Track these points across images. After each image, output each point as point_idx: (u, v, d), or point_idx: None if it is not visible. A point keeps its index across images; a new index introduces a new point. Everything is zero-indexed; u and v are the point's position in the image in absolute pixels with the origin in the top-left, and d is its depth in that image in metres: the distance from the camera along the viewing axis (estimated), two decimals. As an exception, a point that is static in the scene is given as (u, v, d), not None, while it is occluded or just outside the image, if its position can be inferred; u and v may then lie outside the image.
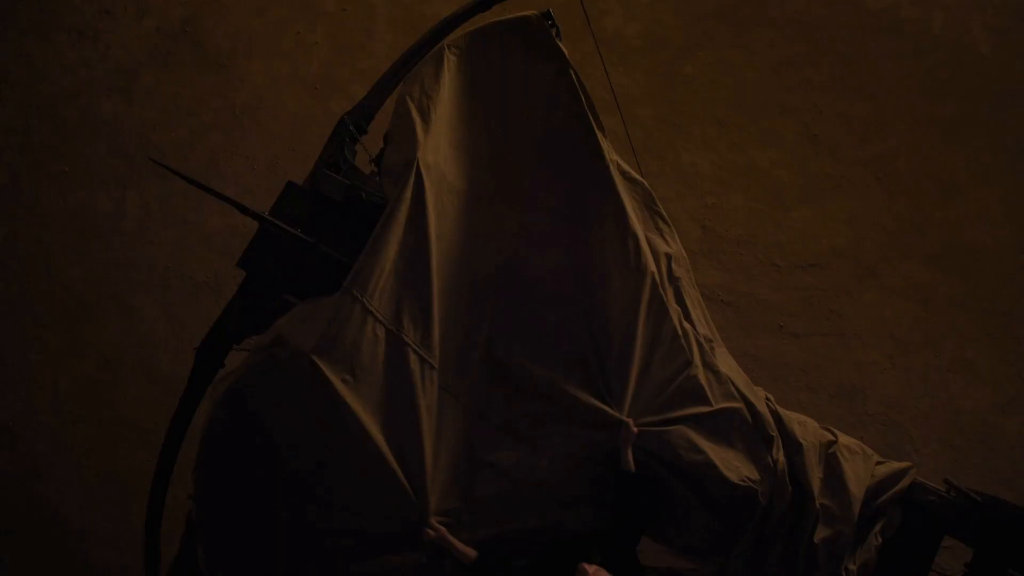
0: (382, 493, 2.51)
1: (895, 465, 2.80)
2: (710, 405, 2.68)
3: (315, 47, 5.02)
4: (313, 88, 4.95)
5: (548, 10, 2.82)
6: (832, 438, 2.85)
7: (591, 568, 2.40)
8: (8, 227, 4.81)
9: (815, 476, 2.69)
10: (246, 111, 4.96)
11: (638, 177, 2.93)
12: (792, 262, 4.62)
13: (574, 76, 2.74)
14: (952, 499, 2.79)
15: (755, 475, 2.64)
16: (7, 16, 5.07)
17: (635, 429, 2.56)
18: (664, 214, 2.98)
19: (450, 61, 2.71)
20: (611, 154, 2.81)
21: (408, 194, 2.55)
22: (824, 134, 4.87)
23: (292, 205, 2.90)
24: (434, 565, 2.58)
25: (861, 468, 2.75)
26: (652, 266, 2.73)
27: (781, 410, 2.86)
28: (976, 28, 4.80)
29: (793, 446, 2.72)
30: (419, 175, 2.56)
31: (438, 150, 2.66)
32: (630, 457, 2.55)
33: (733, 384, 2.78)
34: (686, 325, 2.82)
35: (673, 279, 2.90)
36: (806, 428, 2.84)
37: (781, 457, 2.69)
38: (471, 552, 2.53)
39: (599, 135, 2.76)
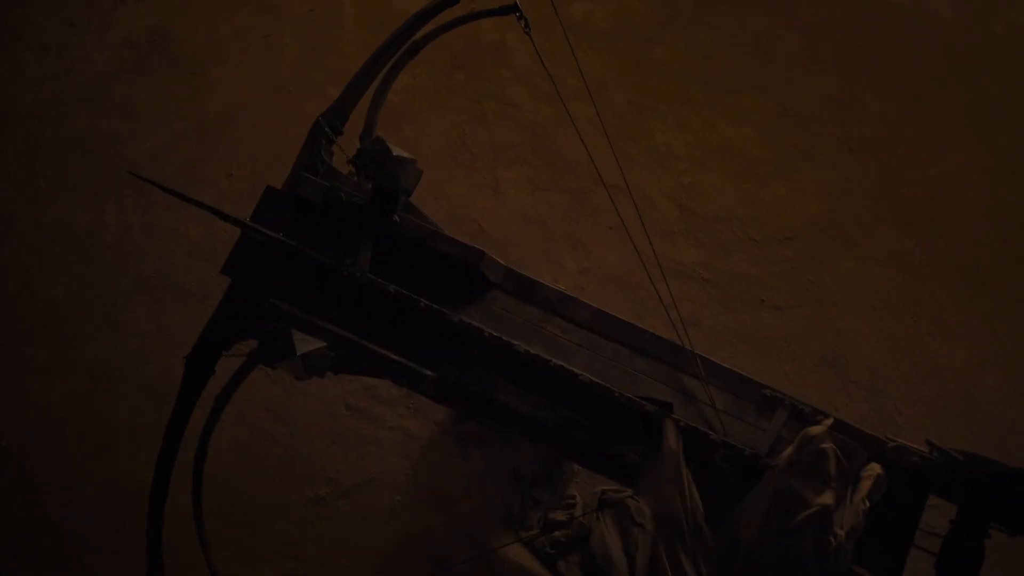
0: None
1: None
2: None
3: (285, 49, 5.03)
4: (286, 90, 4.95)
5: (515, 3, 2.86)
6: None
7: None
8: (-15, 247, 4.81)
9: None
10: (220, 117, 4.95)
11: None
12: (769, 236, 4.67)
13: None
14: (935, 459, 2.83)
15: None
16: (-31, 36, 5.06)
17: None
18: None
19: None
20: None
21: None
22: (795, 108, 4.94)
23: (273, 209, 2.93)
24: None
25: None
26: None
27: None
28: (939, -6, 4.89)
29: None
30: None
31: None
32: None
33: None
34: None
35: None
36: None
37: None
38: None
39: None
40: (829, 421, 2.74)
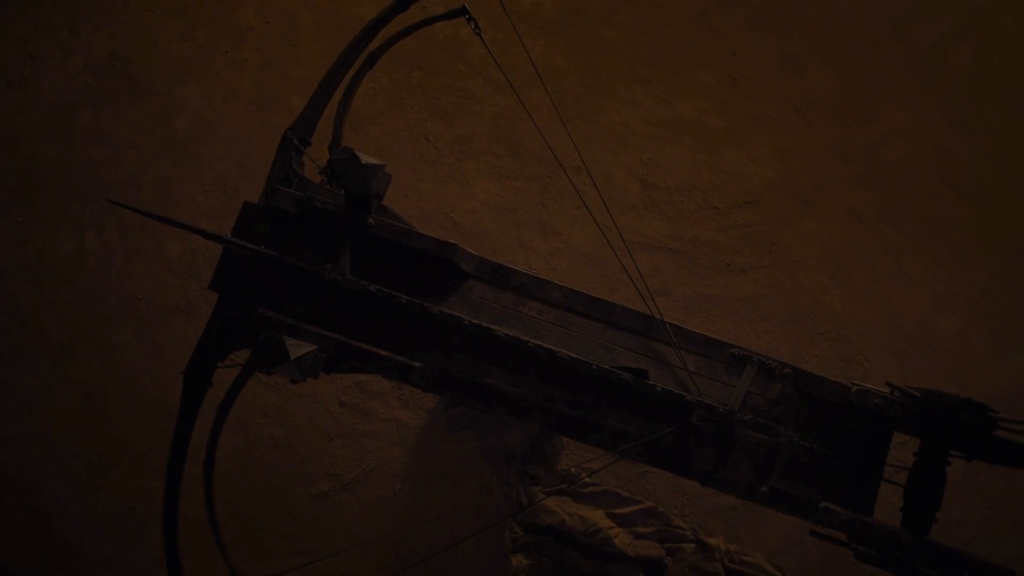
0: None
1: None
2: None
3: (245, 63, 5.09)
4: (249, 104, 5.03)
5: (464, 6, 2.96)
6: None
7: None
8: (-28, 284, 4.87)
9: None
10: (188, 136, 5.01)
11: None
12: (730, 202, 4.82)
13: None
14: (895, 399, 2.98)
15: None
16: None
17: None
18: None
19: None
20: None
21: None
22: (743, 77, 5.08)
23: (252, 223, 3.02)
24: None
25: None
26: None
27: None
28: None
29: None
30: None
31: None
32: None
33: None
34: None
35: None
36: None
37: None
38: None
39: None
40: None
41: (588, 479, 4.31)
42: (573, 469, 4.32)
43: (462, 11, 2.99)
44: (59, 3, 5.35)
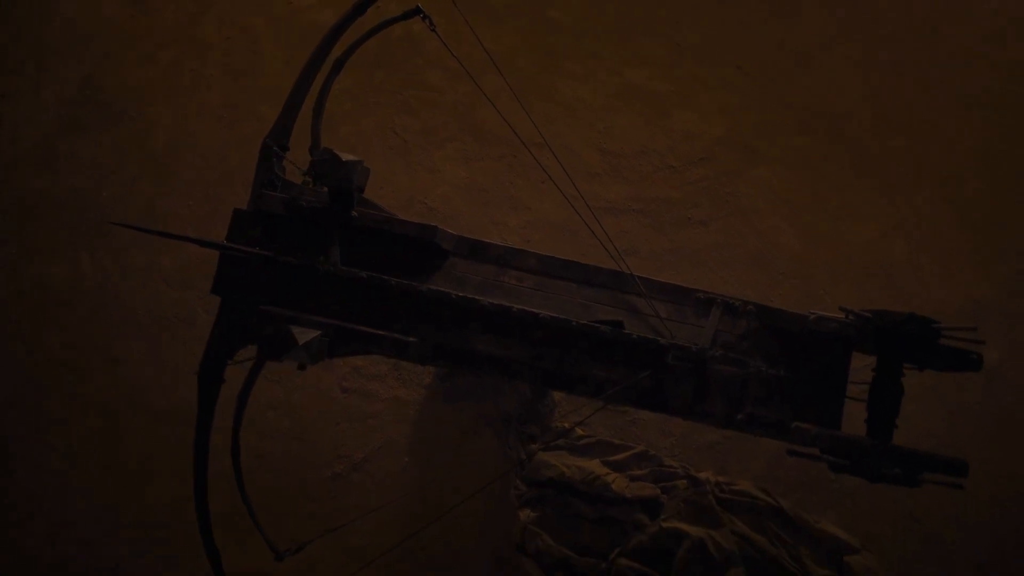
0: None
1: None
2: None
3: (212, 79, 5.20)
4: (221, 117, 5.14)
5: (418, 6, 3.13)
6: None
7: None
8: (-25, 317, 4.98)
9: None
10: (166, 153, 5.12)
11: None
12: (684, 161, 5.01)
13: None
14: (850, 322, 3.20)
15: None
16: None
17: None
18: None
19: None
20: None
21: None
22: (686, 42, 5.24)
23: (243, 228, 3.17)
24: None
25: None
26: None
27: None
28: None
29: None
30: None
31: None
32: None
33: None
34: None
35: None
36: None
37: None
38: None
39: None
40: None
41: (581, 432, 4.54)
42: (567, 425, 4.54)
43: (416, 11, 3.15)
44: (22, 41, 5.41)
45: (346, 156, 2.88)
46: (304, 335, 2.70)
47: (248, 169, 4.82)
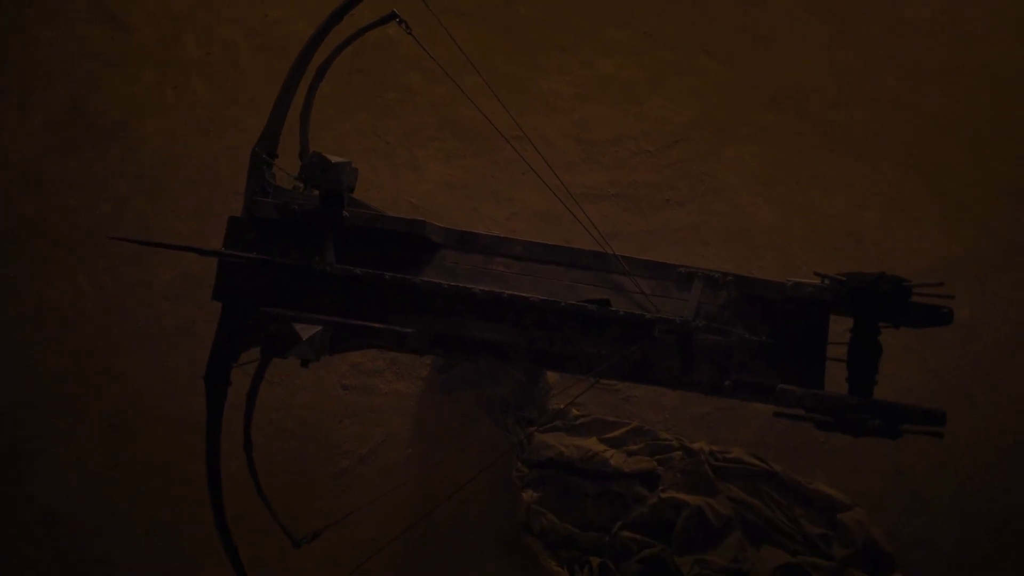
0: None
1: None
2: None
3: (196, 95, 5.26)
4: (207, 131, 5.20)
5: (393, 11, 3.22)
6: None
7: None
8: (-20, 344, 5.04)
9: None
10: (155, 169, 5.17)
11: None
12: (659, 144, 5.12)
13: None
14: (825, 285, 3.32)
15: None
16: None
17: None
18: None
19: None
20: None
21: None
22: (653, 30, 5.34)
23: (239, 235, 3.24)
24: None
25: None
26: None
27: None
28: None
29: None
30: None
31: None
32: None
33: None
34: None
35: None
36: None
37: None
38: None
39: None
40: None
41: (577, 412, 4.65)
42: (562, 406, 4.64)
43: (392, 16, 3.24)
44: (6, 68, 5.46)
45: (335, 158, 2.97)
46: (306, 331, 2.79)
47: (237, 180, 4.96)
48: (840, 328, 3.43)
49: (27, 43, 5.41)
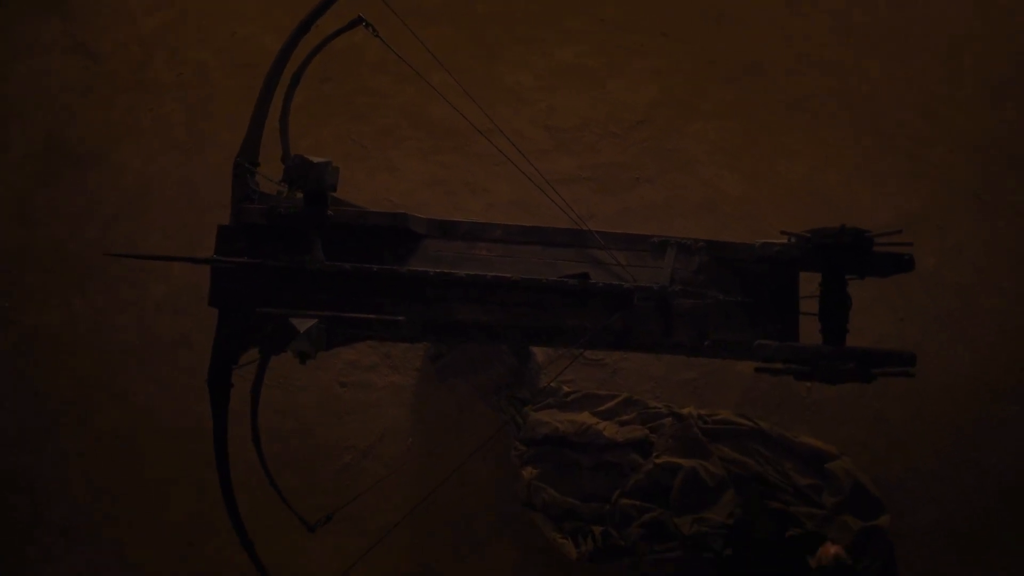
0: None
1: None
2: None
3: (172, 115, 5.33)
4: (186, 149, 5.28)
5: (359, 16, 3.32)
6: None
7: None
8: (-18, 371, 5.10)
9: None
10: (137, 192, 5.24)
11: None
12: (624, 127, 5.24)
13: None
14: (792, 243, 3.47)
15: None
16: None
17: None
18: None
19: None
20: None
21: None
22: (610, 18, 5.45)
23: (229, 242, 3.32)
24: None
25: None
26: None
27: None
28: None
29: None
30: None
31: None
32: None
33: None
34: None
35: None
36: None
37: None
38: None
39: None
40: None
41: (568, 388, 4.77)
42: (553, 384, 4.76)
43: (359, 20, 3.35)
44: (-20, 104, 5.51)
45: (315, 159, 3.07)
46: (303, 324, 2.89)
47: (218, 194, 5.01)
48: (812, 286, 3.58)
49: (1, 79, 5.47)
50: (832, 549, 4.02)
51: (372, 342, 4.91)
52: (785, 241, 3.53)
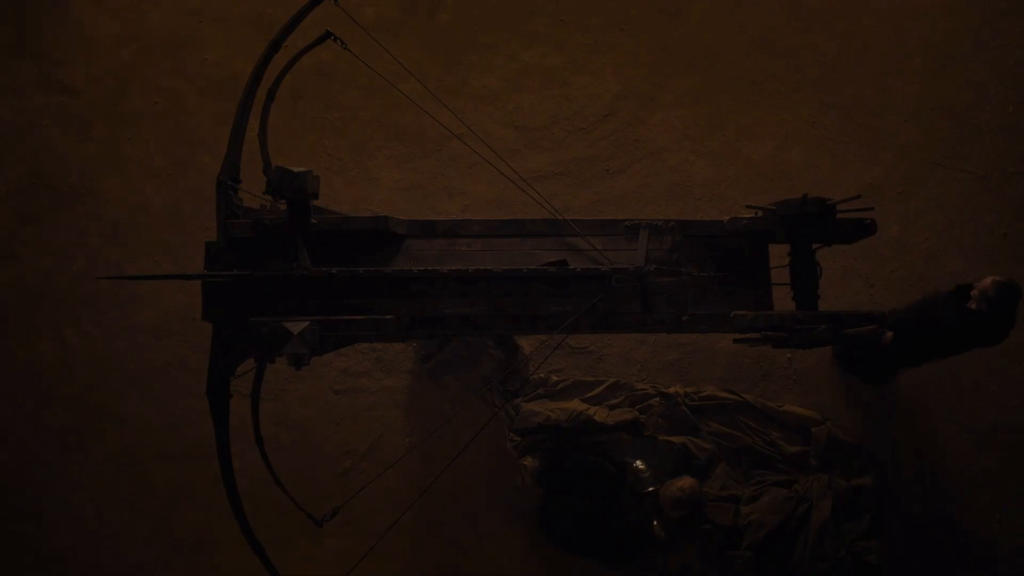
0: None
1: None
2: None
3: (149, 143, 5.36)
4: (167, 175, 5.31)
5: (328, 31, 3.40)
6: None
7: None
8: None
9: None
10: (122, 220, 5.27)
11: None
12: (591, 121, 5.34)
13: None
14: (760, 217, 3.58)
15: None
16: None
17: None
18: None
19: None
20: None
21: None
22: (569, 18, 5.53)
23: (218, 257, 3.37)
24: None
25: None
26: None
27: None
28: None
29: None
30: None
31: None
32: None
33: None
34: None
35: None
36: None
37: None
38: None
39: None
40: None
41: (556, 377, 4.85)
42: (542, 375, 4.84)
43: (327, 35, 3.43)
44: (-40, 147, 5.52)
45: (296, 169, 3.14)
46: (296, 326, 2.95)
47: (202, 217, 5.10)
48: (784, 259, 3.68)
49: (-22, 119, 5.49)
50: (989, 279, 3.90)
51: (363, 348, 4.97)
52: (752, 214, 3.63)
